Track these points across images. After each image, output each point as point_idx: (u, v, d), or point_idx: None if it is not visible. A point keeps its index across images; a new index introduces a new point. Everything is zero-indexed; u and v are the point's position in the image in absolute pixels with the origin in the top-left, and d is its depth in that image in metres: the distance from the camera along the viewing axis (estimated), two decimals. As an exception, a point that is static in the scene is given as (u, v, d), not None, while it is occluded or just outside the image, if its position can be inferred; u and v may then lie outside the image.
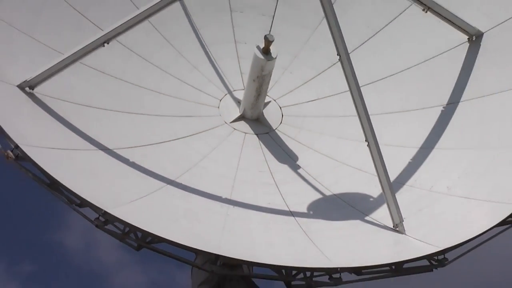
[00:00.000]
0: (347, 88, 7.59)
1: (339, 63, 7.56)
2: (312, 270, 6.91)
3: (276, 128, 9.01)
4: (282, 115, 9.17)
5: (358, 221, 7.68)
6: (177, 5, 8.61)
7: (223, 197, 7.69)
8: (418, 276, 7.38)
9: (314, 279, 7.06)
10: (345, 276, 7.01)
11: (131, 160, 7.68)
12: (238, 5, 10.06)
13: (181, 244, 6.42)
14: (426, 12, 8.73)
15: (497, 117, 8.49)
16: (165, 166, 7.86)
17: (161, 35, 9.21)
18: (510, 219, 7.20)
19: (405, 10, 9.41)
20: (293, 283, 7.15)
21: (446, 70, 9.18)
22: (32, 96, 7.60)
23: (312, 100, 9.36)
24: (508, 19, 9.07)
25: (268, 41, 8.06)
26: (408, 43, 9.47)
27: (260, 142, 8.80)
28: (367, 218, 7.76)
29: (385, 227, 7.51)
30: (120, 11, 8.45)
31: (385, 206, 7.48)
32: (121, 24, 7.64)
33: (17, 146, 6.68)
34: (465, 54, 9.23)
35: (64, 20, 8.57)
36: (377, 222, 7.66)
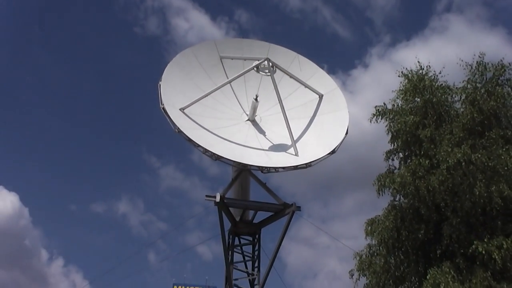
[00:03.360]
0: (281, 111, 18.36)
1: (279, 109, 18.15)
2: (269, 167, 17.78)
3: (259, 123, 19.94)
4: (261, 119, 20.04)
5: (285, 153, 18.30)
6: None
7: (242, 143, 18.25)
8: (301, 170, 18.34)
9: (270, 170, 18.09)
10: (281, 170, 18.20)
11: (215, 132, 18.38)
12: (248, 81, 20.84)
13: (229, 159, 17.39)
14: (305, 88, 19.30)
15: (328, 122, 19.21)
16: (228, 132, 18.37)
17: (236, 96, 20.19)
18: (330, 152, 18.23)
19: (298, 88, 19.74)
20: (263, 171, 18.21)
21: (311, 107, 19.94)
22: (184, 113, 18.23)
23: (270, 115, 20.03)
24: (332, 90, 19.70)
25: (256, 96, 18.65)
26: (297, 100, 20.03)
27: (254, 126, 19.79)
28: (287, 152, 18.30)
29: (292, 155, 18.27)
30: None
31: (292, 149, 18.26)
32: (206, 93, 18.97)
33: (179, 129, 17.19)
34: (317, 102, 20.24)
35: (190, 88, 19.29)
36: (291, 154, 18.27)
